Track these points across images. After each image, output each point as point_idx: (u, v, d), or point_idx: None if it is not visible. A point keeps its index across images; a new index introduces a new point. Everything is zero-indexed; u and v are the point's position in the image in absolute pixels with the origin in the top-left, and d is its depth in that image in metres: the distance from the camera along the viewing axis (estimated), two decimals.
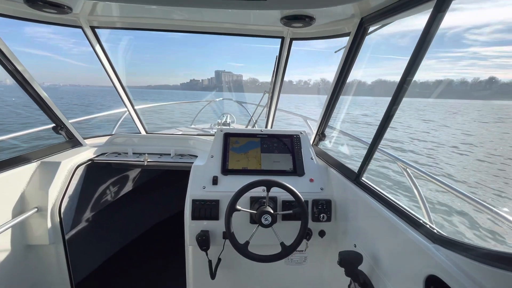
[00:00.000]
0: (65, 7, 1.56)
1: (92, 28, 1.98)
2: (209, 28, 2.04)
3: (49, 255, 1.78)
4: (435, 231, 1.02)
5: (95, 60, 2.27)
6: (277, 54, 2.21)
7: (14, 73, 1.68)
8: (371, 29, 1.53)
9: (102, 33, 2.17)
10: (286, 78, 2.48)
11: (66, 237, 1.80)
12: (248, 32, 2.04)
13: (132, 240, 3.12)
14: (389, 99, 1.28)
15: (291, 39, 2.08)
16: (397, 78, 1.21)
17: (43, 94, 1.85)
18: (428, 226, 1.06)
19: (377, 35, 1.61)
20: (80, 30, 1.96)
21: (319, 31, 1.88)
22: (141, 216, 3.30)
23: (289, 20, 1.63)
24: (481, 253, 0.79)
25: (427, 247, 0.98)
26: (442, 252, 0.93)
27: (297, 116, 4.20)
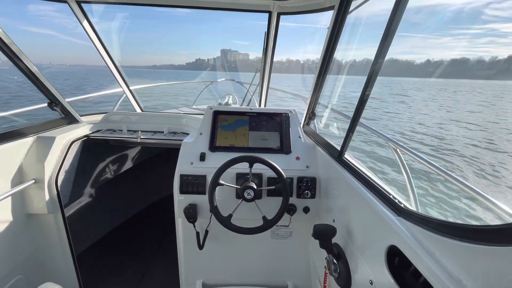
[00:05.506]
0: None
1: (78, 3, 1.95)
2: (198, 3, 1.99)
3: (48, 224, 1.89)
4: (402, 205, 1.05)
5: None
6: (266, 30, 2.16)
7: (2, 46, 1.63)
8: (356, 3, 1.47)
9: (96, 9, 2.13)
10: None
11: (65, 208, 1.90)
12: (236, 6, 1.99)
13: (131, 216, 3.27)
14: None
15: (278, 14, 2.02)
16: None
17: (34, 69, 1.84)
18: (397, 200, 1.09)
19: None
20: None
21: (305, 4, 1.82)
22: (139, 194, 3.41)
23: None
24: (435, 224, 0.83)
25: (391, 219, 1.01)
26: (404, 224, 0.96)
27: (295, 96, 4.14)
